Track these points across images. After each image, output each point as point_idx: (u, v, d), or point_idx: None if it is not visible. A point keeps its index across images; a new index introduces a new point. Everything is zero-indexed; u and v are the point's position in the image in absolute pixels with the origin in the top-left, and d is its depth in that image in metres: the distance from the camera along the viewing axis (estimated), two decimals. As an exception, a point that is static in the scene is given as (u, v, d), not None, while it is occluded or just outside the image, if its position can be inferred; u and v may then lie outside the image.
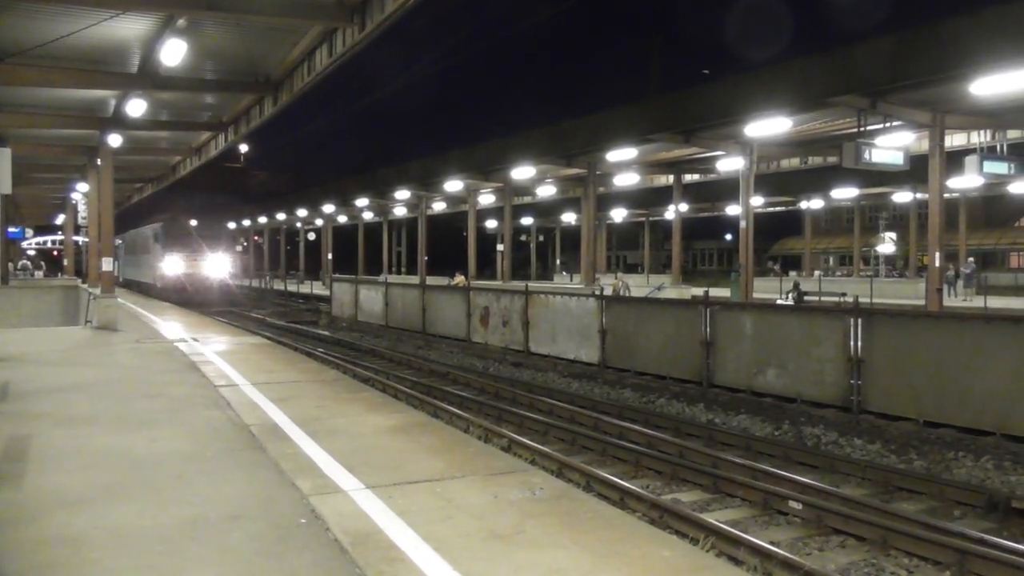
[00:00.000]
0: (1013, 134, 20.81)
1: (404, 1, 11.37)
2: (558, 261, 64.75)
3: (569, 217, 53.48)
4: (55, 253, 70.83)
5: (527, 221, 57.63)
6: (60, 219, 47.20)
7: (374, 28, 12.35)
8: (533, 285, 21.77)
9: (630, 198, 44.51)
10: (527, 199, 43.66)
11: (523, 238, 67.49)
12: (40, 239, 71.87)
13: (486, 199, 40.28)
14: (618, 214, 49.82)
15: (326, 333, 25.32)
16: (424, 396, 13.07)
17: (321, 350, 19.62)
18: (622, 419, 11.45)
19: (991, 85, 14.38)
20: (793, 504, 7.25)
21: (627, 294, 26.71)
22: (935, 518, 7.05)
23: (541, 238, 67.97)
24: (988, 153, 19.67)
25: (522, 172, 29.04)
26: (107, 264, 18.85)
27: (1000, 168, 19.34)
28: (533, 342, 18.11)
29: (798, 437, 10.42)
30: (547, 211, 53.04)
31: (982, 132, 20.92)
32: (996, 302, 25.22)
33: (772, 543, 6.32)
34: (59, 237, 58.24)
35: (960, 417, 9.86)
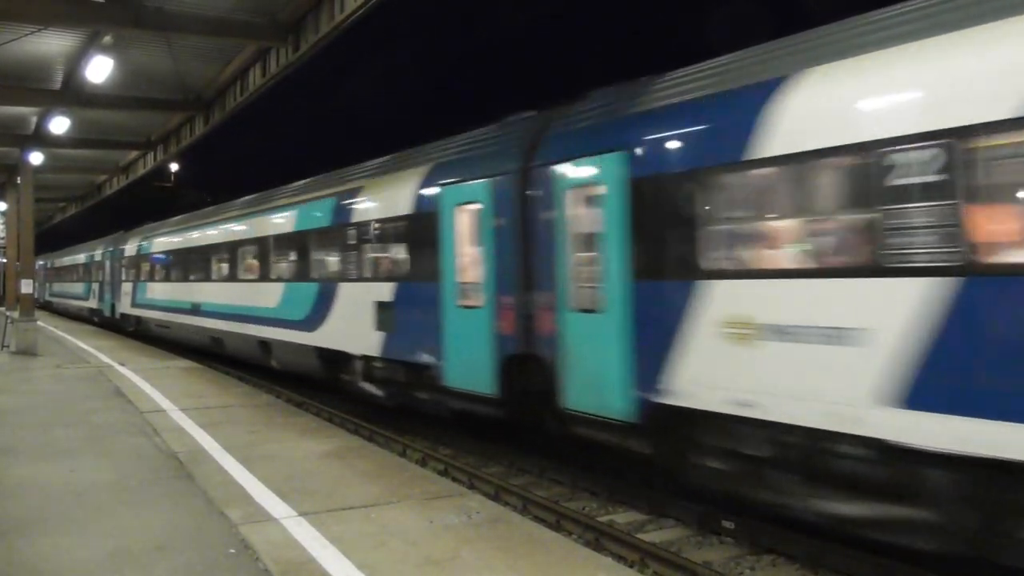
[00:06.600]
0: None
1: (339, 22, 11.33)
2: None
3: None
4: (-31, 274, 67.52)
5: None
6: (-25, 239, 45.21)
7: (308, 49, 12.26)
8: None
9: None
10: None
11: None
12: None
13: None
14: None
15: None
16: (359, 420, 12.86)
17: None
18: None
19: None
20: (726, 523, 7.35)
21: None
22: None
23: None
24: None
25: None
26: (27, 286, 18.14)
27: None
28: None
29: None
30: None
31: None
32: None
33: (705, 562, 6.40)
34: (-26, 258, 55.68)
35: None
